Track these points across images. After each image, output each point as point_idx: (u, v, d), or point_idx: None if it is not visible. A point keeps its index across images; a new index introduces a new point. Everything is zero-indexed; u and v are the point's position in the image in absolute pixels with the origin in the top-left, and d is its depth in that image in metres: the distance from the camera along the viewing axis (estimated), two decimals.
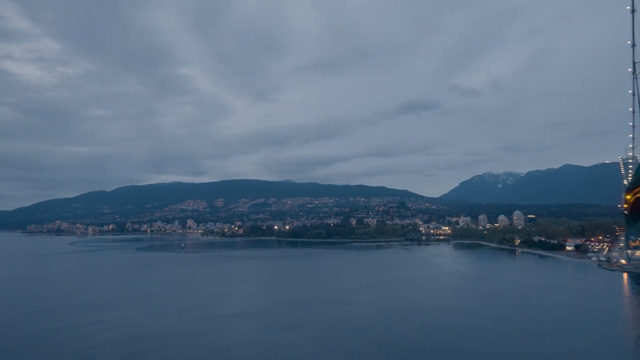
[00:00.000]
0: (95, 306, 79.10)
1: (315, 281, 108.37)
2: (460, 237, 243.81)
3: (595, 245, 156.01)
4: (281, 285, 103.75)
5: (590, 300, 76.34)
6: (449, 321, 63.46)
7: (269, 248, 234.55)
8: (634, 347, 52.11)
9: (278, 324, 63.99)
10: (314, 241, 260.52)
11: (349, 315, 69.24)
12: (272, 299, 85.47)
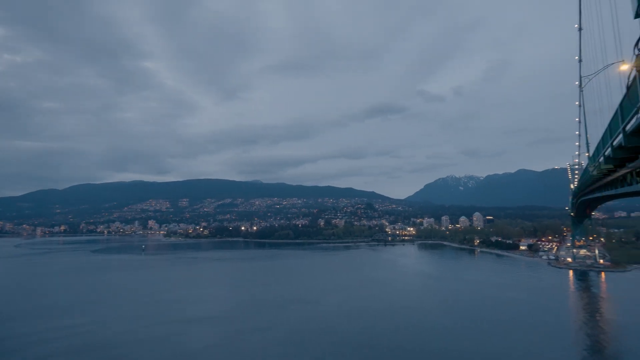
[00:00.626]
0: (43, 313, 72.80)
1: (283, 282, 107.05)
2: (424, 238, 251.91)
3: (546, 244, 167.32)
4: (248, 287, 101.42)
5: (540, 297, 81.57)
6: (413, 320, 65.06)
7: (236, 249, 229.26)
8: (578, 338, 56.17)
9: (245, 327, 62.41)
10: (281, 242, 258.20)
11: (316, 316, 68.98)
12: (238, 301, 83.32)
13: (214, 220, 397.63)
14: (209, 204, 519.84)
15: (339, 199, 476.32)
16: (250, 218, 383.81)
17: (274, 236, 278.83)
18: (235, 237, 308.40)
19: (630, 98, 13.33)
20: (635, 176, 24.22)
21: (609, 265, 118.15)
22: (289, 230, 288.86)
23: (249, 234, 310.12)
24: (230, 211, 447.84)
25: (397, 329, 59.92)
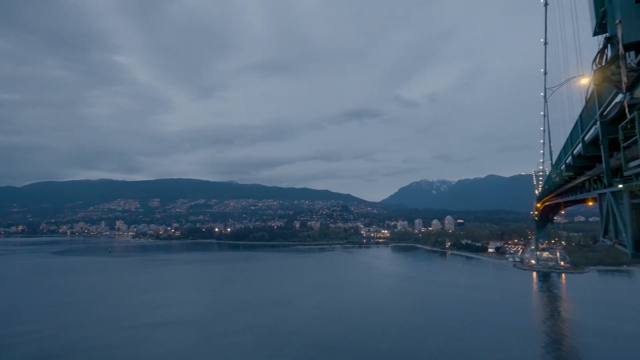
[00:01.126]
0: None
1: (257, 285, 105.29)
2: (398, 240, 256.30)
3: (512, 247, 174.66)
4: (220, 289, 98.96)
5: (506, 297, 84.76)
6: (385, 321, 65.76)
7: (209, 251, 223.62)
8: (539, 336, 58.68)
9: (215, 330, 60.81)
10: (256, 244, 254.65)
11: (289, 318, 68.27)
12: (210, 304, 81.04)
13: (187, 221, 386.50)
14: (182, 204, 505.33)
15: (315, 201, 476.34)
16: (225, 219, 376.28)
17: (249, 238, 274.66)
18: (209, 239, 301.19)
19: (589, 111, 13.82)
20: (592, 183, 25.43)
21: (569, 267, 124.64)
22: (264, 232, 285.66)
23: (222, 236, 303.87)
24: (203, 212, 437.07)
25: (370, 330, 60.32)
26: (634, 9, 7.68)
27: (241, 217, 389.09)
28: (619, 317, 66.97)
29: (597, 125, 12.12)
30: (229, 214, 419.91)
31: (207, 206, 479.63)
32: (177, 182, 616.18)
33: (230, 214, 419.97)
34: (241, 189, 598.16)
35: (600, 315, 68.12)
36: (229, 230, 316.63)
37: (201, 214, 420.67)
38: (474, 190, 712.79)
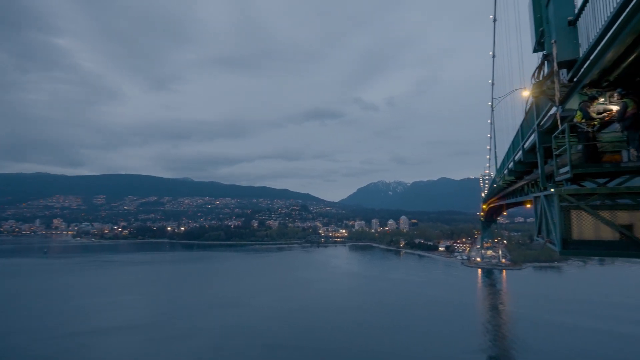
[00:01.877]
0: None
1: (210, 286, 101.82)
2: (355, 240, 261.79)
3: (460, 246, 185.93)
4: (170, 291, 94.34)
5: (454, 293, 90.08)
6: (342, 319, 66.85)
7: (160, 251, 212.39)
8: (483, 328, 63.18)
9: (163, 335, 57.85)
10: (212, 243, 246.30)
11: (243, 319, 66.88)
12: (158, 307, 76.87)
13: (136, 219, 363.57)
14: (130, 201, 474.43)
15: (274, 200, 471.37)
16: (178, 218, 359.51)
17: (204, 237, 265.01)
18: (160, 238, 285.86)
19: (528, 121, 15.11)
20: (530, 187, 27.83)
21: (509, 264, 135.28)
22: (221, 231, 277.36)
23: (176, 235, 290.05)
24: (155, 210, 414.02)
25: (327, 329, 60.93)
26: (567, 31, 8.46)
27: (196, 216, 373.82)
28: (550, 309, 74.01)
29: (535, 135, 13.27)
30: (183, 212, 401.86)
31: (159, 204, 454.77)
32: (126, 177, 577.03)
33: (184, 212, 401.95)
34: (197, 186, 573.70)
35: (535, 308, 74.81)
36: (183, 230, 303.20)
37: (152, 212, 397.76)
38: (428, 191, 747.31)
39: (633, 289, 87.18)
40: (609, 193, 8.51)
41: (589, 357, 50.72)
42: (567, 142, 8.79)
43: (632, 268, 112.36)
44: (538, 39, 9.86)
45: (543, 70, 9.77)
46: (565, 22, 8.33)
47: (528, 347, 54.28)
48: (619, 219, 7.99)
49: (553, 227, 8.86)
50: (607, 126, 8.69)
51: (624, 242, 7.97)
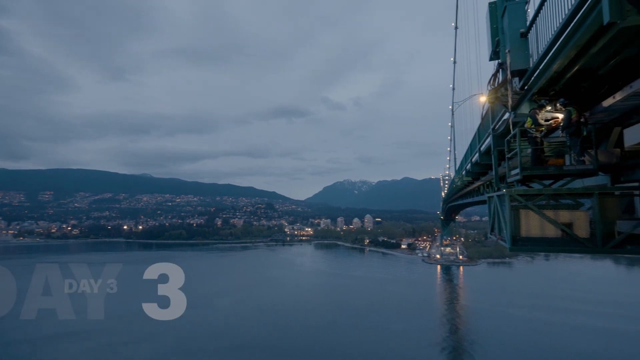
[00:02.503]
0: None
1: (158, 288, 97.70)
2: (321, 238, 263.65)
3: (421, 243, 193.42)
4: (125, 294, 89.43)
5: (414, 289, 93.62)
6: (304, 317, 67.02)
7: (115, 251, 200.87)
8: (441, 322, 66.25)
9: (119, 340, 54.86)
10: (172, 243, 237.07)
11: (205, 321, 64.96)
12: (112, 311, 72.63)
13: (88, 217, 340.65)
14: (82, 198, 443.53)
15: (239, 198, 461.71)
16: (136, 216, 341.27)
17: (164, 236, 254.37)
18: (116, 238, 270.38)
19: (484, 125, 16.03)
20: (485, 188, 29.53)
21: (466, 260, 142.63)
22: (182, 229, 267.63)
23: (133, 234, 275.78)
24: (110, 208, 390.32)
25: (290, 327, 60.82)
26: (520, 43, 9.04)
27: (156, 214, 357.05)
28: (502, 302, 79.08)
29: (490, 138, 14.09)
30: (142, 210, 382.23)
31: (115, 201, 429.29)
32: (77, 172, 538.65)
33: (142, 210, 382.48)
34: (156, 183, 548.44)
35: (488, 302, 79.61)
36: (141, 228, 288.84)
37: (107, 209, 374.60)
38: (392, 190, 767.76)
39: (574, 282, 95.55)
40: (553, 194, 9.23)
41: (538, 346, 54.81)
42: (517, 146, 9.47)
43: (572, 263, 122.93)
44: (494, 48, 10.46)
45: (498, 77, 10.38)
46: (518, 33, 8.90)
47: (482, 339, 57.72)
48: (561, 218, 8.70)
49: (504, 225, 9.47)
50: (553, 132, 9.43)
51: (565, 239, 8.69)
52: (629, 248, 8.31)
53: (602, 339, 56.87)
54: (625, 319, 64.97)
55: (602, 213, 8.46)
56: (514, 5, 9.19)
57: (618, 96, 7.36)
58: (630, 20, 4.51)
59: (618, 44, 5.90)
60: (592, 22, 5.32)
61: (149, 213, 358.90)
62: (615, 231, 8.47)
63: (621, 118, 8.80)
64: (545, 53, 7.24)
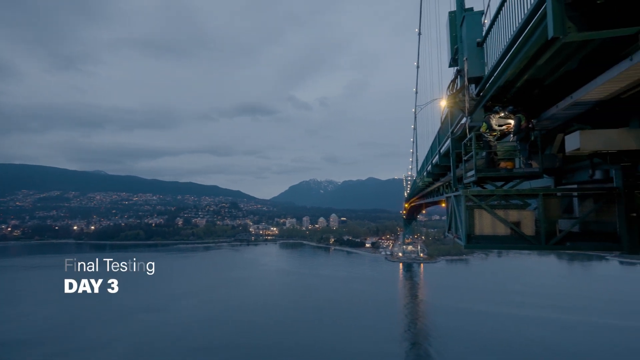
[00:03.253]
0: None
1: (123, 291, 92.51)
2: (286, 237, 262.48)
3: (385, 242, 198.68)
4: (74, 299, 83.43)
5: (377, 286, 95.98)
6: (268, 317, 66.39)
7: (63, 253, 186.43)
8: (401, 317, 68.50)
9: (68, 348, 51.05)
10: (129, 244, 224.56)
11: (164, 325, 62.40)
12: (62, 318, 67.48)
13: (32, 217, 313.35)
14: (25, 196, 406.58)
15: (202, 197, 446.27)
16: (88, 215, 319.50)
17: (119, 237, 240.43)
18: (64, 239, 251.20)
19: (443, 128, 16.79)
20: (445, 188, 30.91)
21: (426, 257, 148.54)
22: (140, 229, 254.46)
23: (84, 235, 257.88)
24: (57, 206, 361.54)
25: (252, 328, 60.02)
26: (476, 51, 9.55)
27: (110, 213, 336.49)
28: (458, 297, 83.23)
29: (449, 141, 14.78)
30: (94, 209, 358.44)
31: (64, 199, 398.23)
32: (20, 168, 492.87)
33: (95, 209, 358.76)
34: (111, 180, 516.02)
35: (446, 297, 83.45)
36: (93, 228, 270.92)
37: (54, 208, 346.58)
38: (356, 190, 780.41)
39: (522, 277, 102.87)
40: (503, 194, 9.88)
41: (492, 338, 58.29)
42: (473, 150, 10.03)
43: (521, 259, 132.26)
44: (453, 55, 10.97)
45: (456, 83, 10.91)
46: (474, 43, 9.40)
47: (440, 333, 60.44)
48: (510, 217, 9.34)
49: (460, 224, 9.99)
50: (505, 137, 10.09)
51: (514, 236, 9.33)
52: (568, 245, 9.10)
53: (545, 328, 61.80)
54: (565, 310, 71.16)
55: (545, 213, 9.20)
56: (472, 15, 9.71)
57: (561, 105, 8.02)
58: (571, 37, 4.92)
59: (561, 57, 6.44)
60: (539, 36, 5.75)
61: (102, 212, 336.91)
62: (557, 229, 9.25)
63: (563, 125, 9.61)
64: (498, 63, 7.72)
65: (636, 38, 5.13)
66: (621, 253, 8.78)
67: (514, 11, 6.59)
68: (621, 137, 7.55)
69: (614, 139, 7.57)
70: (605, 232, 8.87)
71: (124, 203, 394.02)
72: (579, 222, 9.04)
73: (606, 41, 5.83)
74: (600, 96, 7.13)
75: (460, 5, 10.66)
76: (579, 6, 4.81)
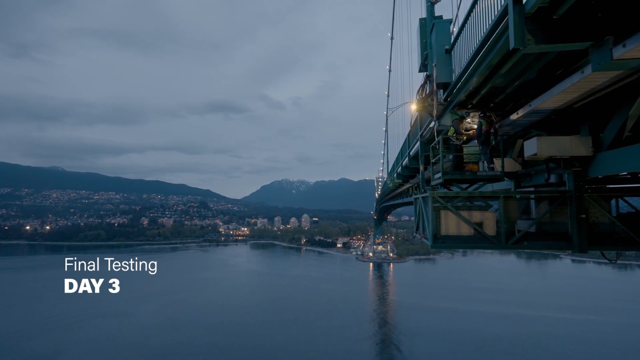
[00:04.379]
0: None
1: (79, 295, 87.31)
2: (257, 238, 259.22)
3: (356, 242, 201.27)
4: (26, 304, 77.80)
5: (347, 286, 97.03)
6: (236, 318, 65.38)
7: (14, 255, 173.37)
8: (371, 316, 69.68)
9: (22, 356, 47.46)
10: (89, 245, 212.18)
11: (125, 329, 59.68)
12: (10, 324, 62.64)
13: None
14: None
15: (170, 196, 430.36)
16: (43, 214, 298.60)
17: (78, 237, 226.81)
18: (15, 240, 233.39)
19: (413, 131, 17.28)
20: (414, 190, 31.80)
21: (395, 257, 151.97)
22: (101, 230, 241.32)
23: (37, 235, 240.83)
24: (7, 205, 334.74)
25: (220, 330, 58.83)
26: (445, 58, 9.91)
27: (68, 212, 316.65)
28: (426, 295, 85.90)
29: (418, 144, 15.23)
30: (50, 208, 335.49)
31: (15, 197, 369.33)
32: None
33: (51, 208, 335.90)
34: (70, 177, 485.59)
35: (414, 295, 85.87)
36: (48, 229, 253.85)
37: (3, 207, 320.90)
38: (329, 191, 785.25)
39: (485, 275, 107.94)
40: (467, 196, 10.34)
41: (459, 335, 60.57)
42: (440, 153, 10.43)
43: (484, 258, 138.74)
44: (423, 60, 11.32)
45: (426, 88, 11.27)
46: (443, 49, 9.76)
47: (408, 330, 62.08)
48: (473, 218, 9.78)
49: (427, 225, 10.33)
50: (472, 141, 10.56)
51: (477, 236, 9.79)
52: (526, 244, 9.68)
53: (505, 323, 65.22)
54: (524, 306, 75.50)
55: (505, 214, 9.74)
56: (441, 23, 10.08)
57: (520, 112, 8.52)
58: (530, 48, 5.26)
59: (521, 67, 6.85)
60: (501, 47, 6.09)
61: (59, 211, 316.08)
62: (515, 229, 9.82)
63: (523, 131, 10.22)
64: (465, 70, 8.07)
65: (587, 53, 5.56)
66: (572, 252, 9.45)
67: (479, 22, 6.92)
68: (573, 144, 8.14)
69: (566, 145, 8.16)
70: (559, 232, 9.53)
71: (83, 202, 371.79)
72: (535, 222, 9.65)
73: (561, 54, 6.28)
74: (555, 105, 7.66)
75: (430, 12, 11.03)
76: (538, 20, 5.14)
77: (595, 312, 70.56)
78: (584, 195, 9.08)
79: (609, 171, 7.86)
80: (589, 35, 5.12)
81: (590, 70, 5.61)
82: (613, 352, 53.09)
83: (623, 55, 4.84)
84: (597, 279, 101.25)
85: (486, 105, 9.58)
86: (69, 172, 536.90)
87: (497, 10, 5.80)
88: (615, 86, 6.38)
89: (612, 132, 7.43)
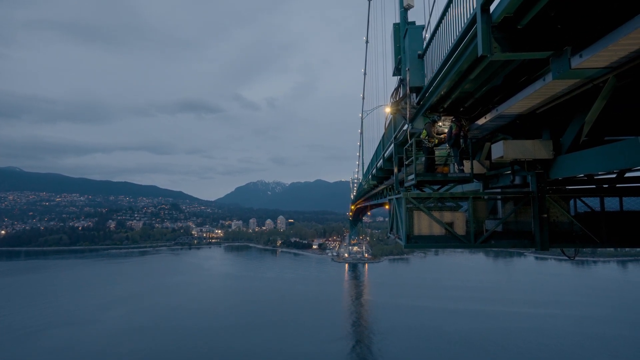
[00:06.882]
0: None
1: (41, 303, 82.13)
2: (232, 240, 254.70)
3: (331, 243, 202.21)
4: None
5: (323, 287, 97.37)
6: (208, 322, 64.02)
7: None
8: (346, 315, 70.25)
9: None
10: (49, 250, 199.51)
11: (89, 338, 56.87)
12: None
13: None
14: None
15: (139, 198, 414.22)
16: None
17: (38, 242, 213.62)
18: None
19: (387, 134, 17.61)
20: (388, 191, 32.40)
21: (370, 258, 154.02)
22: (63, 234, 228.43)
23: None
24: None
25: (191, 335, 57.23)
26: (417, 63, 10.18)
27: (26, 216, 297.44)
28: (399, 294, 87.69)
29: (392, 146, 15.54)
30: (6, 210, 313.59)
31: None
32: None
33: (7, 211, 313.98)
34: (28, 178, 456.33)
35: (388, 294, 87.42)
36: (4, 233, 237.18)
37: None
38: (304, 192, 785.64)
39: (455, 273, 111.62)
40: (439, 197, 10.66)
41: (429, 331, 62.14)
42: (413, 155, 10.68)
43: (455, 257, 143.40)
44: (397, 65, 11.57)
45: (399, 92, 11.51)
46: (416, 54, 10.02)
47: (382, 329, 63.09)
48: (444, 218, 10.10)
49: (401, 225, 10.56)
50: (444, 144, 10.89)
51: (448, 236, 10.12)
52: (493, 243, 10.11)
53: (475, 319, 67.74)
54: (491, 302, 78.77)
55: (474, 214, 10.13)
56: (414, 29, 10.36)
57: (488, 117, 8.90)
58: (496, 56, 5.52)
59: (488, 73, 7.16)
60: (470, 53, 6.35)
61: (16, 215, 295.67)
62: (484, 229, 10.23)
63: (490, 135, 10.67)
64: (436, 75, 8.34)
65: (548, 62, 5.91)
66: (535, 250, 9.98)
67: (450, 29, 7.18)
68: (535, 147, 8.61)
69: (529, 149, 8.61)
70: (523, 231, 10.04)
71: (43, 204, 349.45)
72: (502, 222, 10.10)
73: (525, 62, 6.63)
74: (520, 110, 8.07)
75: (404, 18, 11.30)
76: (504, 29, 5.42)
77: (556, 306, 74.87)
78: (546, 196, 9.61)
79: (568, 173, 8.36)
80: (550, 45, 5.45)
81: (551, 78, 5.98)
82: (569, 344, 56.54)
83: (580, 64, 5.20)
84: (558, 275, 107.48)
85: (456, 109, 9.93)
86: (27, 173, 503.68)
87: (467, 18, 6.05)
88: (574, 93, 6.82)
89: (570, 137, 7.93)
